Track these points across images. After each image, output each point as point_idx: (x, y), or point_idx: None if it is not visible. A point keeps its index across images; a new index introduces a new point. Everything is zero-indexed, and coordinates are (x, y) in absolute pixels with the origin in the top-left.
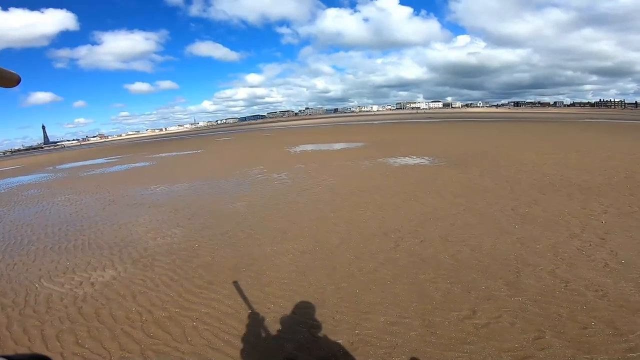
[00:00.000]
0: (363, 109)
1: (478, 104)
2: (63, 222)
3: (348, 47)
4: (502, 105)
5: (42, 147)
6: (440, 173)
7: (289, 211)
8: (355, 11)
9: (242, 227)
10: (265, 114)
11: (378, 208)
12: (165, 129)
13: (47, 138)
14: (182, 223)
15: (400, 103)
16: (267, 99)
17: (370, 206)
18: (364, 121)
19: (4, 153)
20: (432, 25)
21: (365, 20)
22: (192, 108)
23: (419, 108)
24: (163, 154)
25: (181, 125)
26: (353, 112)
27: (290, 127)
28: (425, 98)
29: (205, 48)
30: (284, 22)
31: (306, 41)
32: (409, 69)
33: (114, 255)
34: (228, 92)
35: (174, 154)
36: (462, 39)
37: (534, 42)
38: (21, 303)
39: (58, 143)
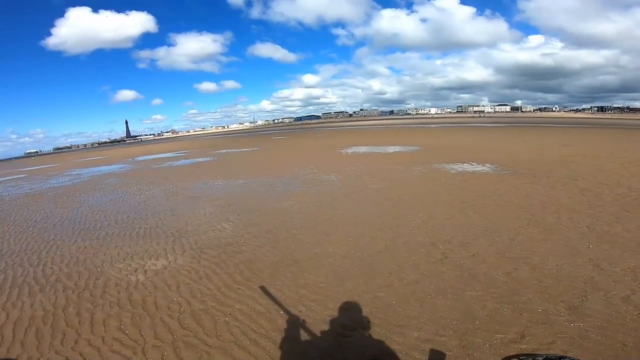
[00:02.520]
0: (420, 112)
1: (554, 108)
2: (132, 210)
3: (405, 48)
4: (583, 109)
5: (124, 140)
6: (504, 182)
7: (334, 214)
8: (412, 12)
9: (287, 226)
10: (320, 114)
11: (428, 216)
12: (227, 126)
13: (129, 132)
14: (232, 218)
15: (461, 106)
16: (322, 100)
17: (420, 214)
18: (420, 124)
19: (92, 145)
20: (498, 26)
21: (423, 21)
22: (252, 107)
23: (482, 111)
24: (223, 150)
25: (241, 124)
26: (409, 114)
27: (343, 128)
28: (490, 101)
29: (265, 49)
30: (340, 24)
31: (362, 42)
32: (473, 70)
33: (168, 245)
34: (285, 92)
35: (232, 150)
36: (535, 40)
37: (621, 43)
38: (82, 286)
39: (137, 137)
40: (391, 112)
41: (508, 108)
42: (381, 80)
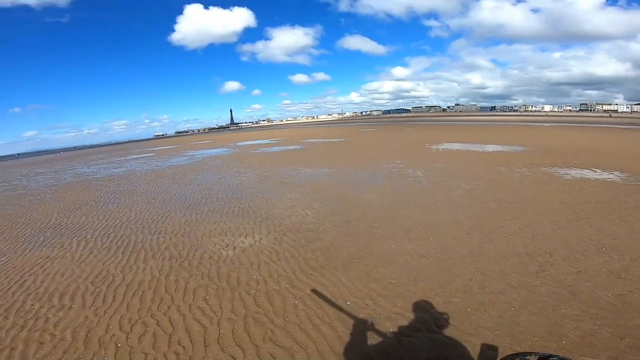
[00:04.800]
0: (530, 109)
1: None
2: (230, 190)
3: (512, 39)
4: None
5: (228, 127)
6: (636, 195)
7: (417, 211)
8: (520, 1)
9: (367, 218)
10: (409, 108)
11: (528, 224)
12: (316, 117)
13: (232, 119)
14: (315, 205)
15: (585, 104)
16: (413, 93)
17: (517, 221)
18: (529, 122)
19: (203, 130)
20: (637, 16)
21: (535, 10)
22: (341, 99)
23: (613, 110)
24: (311, 140)
25: (330, 115)
26: (516, 111)
27: (435, 123)
28: (626, 99)
29: (354, 42)
30: (432, 15)
31: (458, 34)
32: (604, 64)
33: (256, 225)
34: (374, 85)
35: (320, 140)
36: None
37: None
38: (184, 255)
39: (238, 124)
40: (493, 108)
41: None
42: (482, 73)
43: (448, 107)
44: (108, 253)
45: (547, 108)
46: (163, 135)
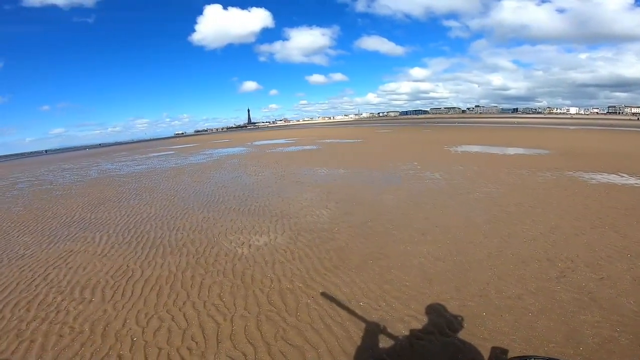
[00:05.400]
0: (554, 111)
1: None
2: (247, 188)
3: (536, 40)
4: None
5: (246, 126)
6: None
7: (434, 213)
8: (544, 2)
9: (382, 220)
10: (428, 109)
11: (550, 229)
12: (333, 117)
13: (250, 119)
14: (330, 206)
15: (614, 106)
16: (432, 94)
17: (539, 225)
18: (553, 124)
19: (222, 129)
20: None
21: (560, 11)
22: (358, 99)
23: None
24: (327, 140)
25: (347, 115)
26: (539, 113)
27: (454, 125)
28: None
29: (372, 42)
30: (452, 16)
31: (479, 34)
32: (633, 66)
33: (271, 224)
34: (392, 86)
35: (337, 141)
36: None
37: None
38: (200, 252)
39: (256, 124)
40: (515, 110)
41: None
42: (504, 74)
43: (468, 108)
44: (128, 248)
45: (573, 110)
46: (183, 133)
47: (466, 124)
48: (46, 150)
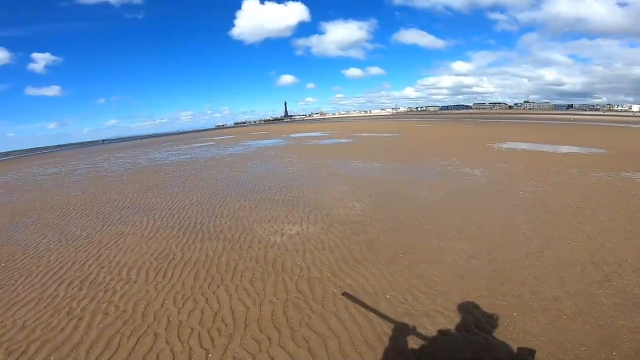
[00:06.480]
0: (615, 108)
1: None
2: (282, 179)
3: (594, 34)
4: None
5: (282, 119)
6: None
7: (471, 210)
8: None
9: (416, 215)
10: (470, 104)
11: (598, 232)
12: (370, 111)
13: (287, 112)
14: (364, 199)
15: None
16: (475, 89)
17: (586, 227)
18: (614, 122)
19: (259, 121)
20: None
21: (622, 5)
22: (395, 94)
23: None
24: (364, 134)
25: (383, 109)
26: (598, 110)
27: (499, 121)
28: None
29: (410, 36)
30: (498, 8)
31: (528, 28)
32: None
33: (304, 214)
34: (431, 80)
35: (373, 134)
36: None
37: None
38: (236, 238)
39: (292, 116)
40: (570, 107)
41: None
42: (557, 69)
43: (515, 104)
44: (172, 232)
45: (636, 108)
46: (223, 125)
47: (513, 120)
48: (103, 140)
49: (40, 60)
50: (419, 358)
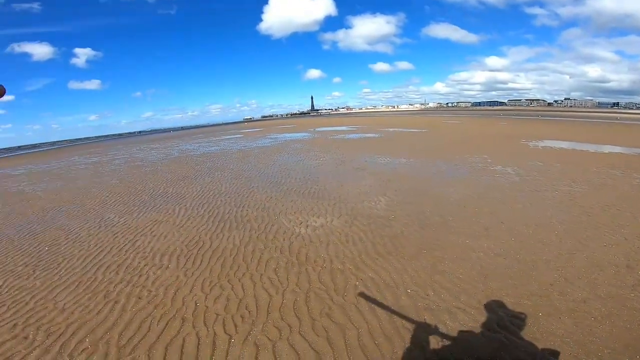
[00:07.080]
0: None
1: None
2: (307, 172)
3: None
4: None
5: (309, 113)
6: None
7: (501, 209)
8: None
9: (442, 211)
10: (505, 100)
11: (637, 235)
12: (397, 106)
13: (313, 106)
14: (389, 193)
15: None
16: (511, 85)
17: (624, 230)
18: None
19: (286, 115)
20: None
21: None
22: (425, 89)
23: None
24: (391, 129)
25: (412, 105)
26: None
27: (535, 118)
28: None
29: (441, 30)
30: (536, 3)
31: (571, 23)
32: None
33: (329, 207)
34: (463, 75)
35: (400, 130)
36: None
37: None
38: (262, 228)
39: (319, 111)
40: (615, 105)
41: None
42: (602, 65)
43: (555, 101)
44: (201, 221)
45: None
46: (251, 118)
47: (552, 118)
48: (140, 132)
49: (82, 55)
50: (437, 353)
